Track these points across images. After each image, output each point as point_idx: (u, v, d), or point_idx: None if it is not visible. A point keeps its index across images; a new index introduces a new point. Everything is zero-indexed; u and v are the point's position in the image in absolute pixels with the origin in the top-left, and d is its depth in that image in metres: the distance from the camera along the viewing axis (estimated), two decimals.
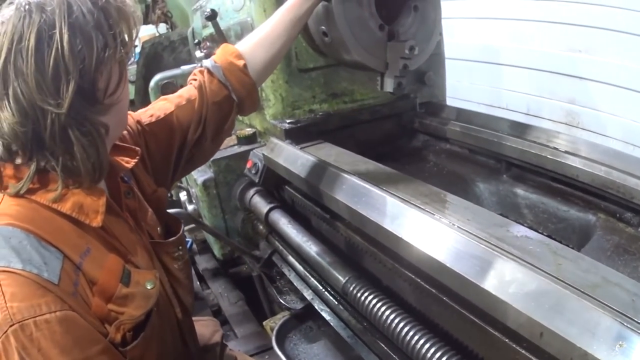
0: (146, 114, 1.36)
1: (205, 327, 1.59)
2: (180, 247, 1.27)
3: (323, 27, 1.62)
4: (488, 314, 1.08)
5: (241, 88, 1.39)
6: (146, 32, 5.21)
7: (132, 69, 4.47)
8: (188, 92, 1.39)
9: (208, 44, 2.36)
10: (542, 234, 1.88)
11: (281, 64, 1.93)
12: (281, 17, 1.42)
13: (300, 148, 1.84)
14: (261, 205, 2.00)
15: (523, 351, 1.03)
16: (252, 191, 2.09)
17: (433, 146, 2.31)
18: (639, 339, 0.84)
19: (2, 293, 0.86)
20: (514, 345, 1.05)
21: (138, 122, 1.33)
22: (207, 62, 1.41)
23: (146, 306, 1.05)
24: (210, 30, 2.08)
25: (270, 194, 2.08)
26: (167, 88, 2.76)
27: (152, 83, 2.76)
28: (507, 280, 1.04)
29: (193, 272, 2.34)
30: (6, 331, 0.85)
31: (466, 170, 2.11)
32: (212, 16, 1.96)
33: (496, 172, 2.05)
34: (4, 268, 0.88)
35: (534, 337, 0.96)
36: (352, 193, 1.47)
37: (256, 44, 1.42)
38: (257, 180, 2.05)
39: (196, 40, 2.45)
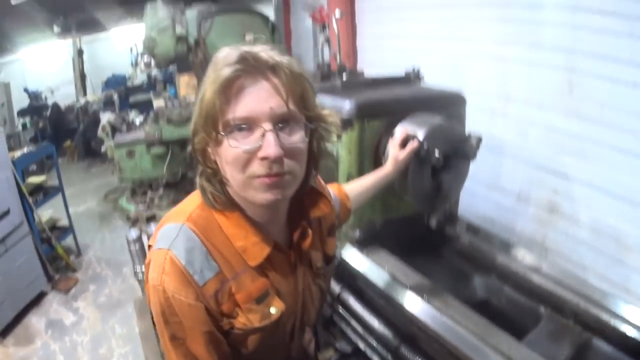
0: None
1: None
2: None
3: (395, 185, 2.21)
4: None
5: (344, 218, 1.85)
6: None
7: None
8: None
9: None
10: None
11: None
12: (374, 181, 1.98)
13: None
14: None
15: None
16: None
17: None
18: None
19: (163, 266, 1.16)
20: None
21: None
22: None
23: (260, 323, 1.26)
24: None
25: None
26: None
27: None
28: None
29: None
30: (156, 287, 1.17)
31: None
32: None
33: None
34: (173, 256, 1.17)
35: None
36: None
37: (357, 194, 1.91)
38: None
39: None
